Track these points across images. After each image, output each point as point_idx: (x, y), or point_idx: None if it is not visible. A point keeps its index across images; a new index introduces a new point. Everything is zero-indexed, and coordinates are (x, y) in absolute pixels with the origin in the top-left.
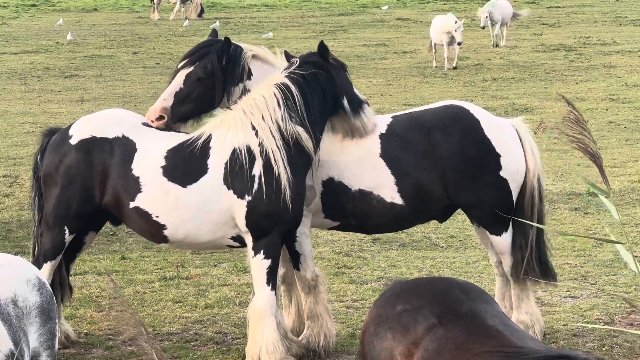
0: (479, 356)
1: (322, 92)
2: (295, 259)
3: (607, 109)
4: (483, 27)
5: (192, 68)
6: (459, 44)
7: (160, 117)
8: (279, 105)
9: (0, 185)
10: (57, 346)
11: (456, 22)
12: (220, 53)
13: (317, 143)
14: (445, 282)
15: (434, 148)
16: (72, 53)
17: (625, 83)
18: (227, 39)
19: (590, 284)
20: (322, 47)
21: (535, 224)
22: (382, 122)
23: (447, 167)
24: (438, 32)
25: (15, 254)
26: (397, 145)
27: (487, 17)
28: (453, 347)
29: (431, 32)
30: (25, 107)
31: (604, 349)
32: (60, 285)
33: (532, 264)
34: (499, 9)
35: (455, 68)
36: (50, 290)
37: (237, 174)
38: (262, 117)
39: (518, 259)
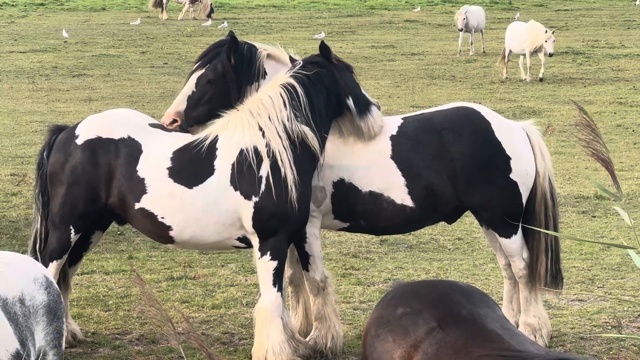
0: None
1: (326, 91)
2: (305, 260)
3: (615, 112)
4: (461, 30)
5: (203, 70)
6: (550, 55)
7: (174, 121)
8: (285, 105)
9: (8, 183)
10: (63, 345)
11: (546, 31)
12: (228, 52)
13: (322, 142)
14: (446, 285)
15: (445, 150)
16: (80, 52)
17: (634, 87)
18: (231, 34)
19: (598, 287)
20: (324, 47)
21: (541, 230)
22: (392, 124)
23: (458, 168)
24: (522, 41)
25: (22, 253)
26: (408, 147)
27: (464, 19)
28: (452, 350)
29: (509, 40)
30: (33, 106)
31: (611, 352)
32: (63, 282)
33: (547, 267)
34: (474, 16)
35: (541, 80)
36: (58, 289)
37: (244, 175)
38: (269, 117)
39: (529, 262)
